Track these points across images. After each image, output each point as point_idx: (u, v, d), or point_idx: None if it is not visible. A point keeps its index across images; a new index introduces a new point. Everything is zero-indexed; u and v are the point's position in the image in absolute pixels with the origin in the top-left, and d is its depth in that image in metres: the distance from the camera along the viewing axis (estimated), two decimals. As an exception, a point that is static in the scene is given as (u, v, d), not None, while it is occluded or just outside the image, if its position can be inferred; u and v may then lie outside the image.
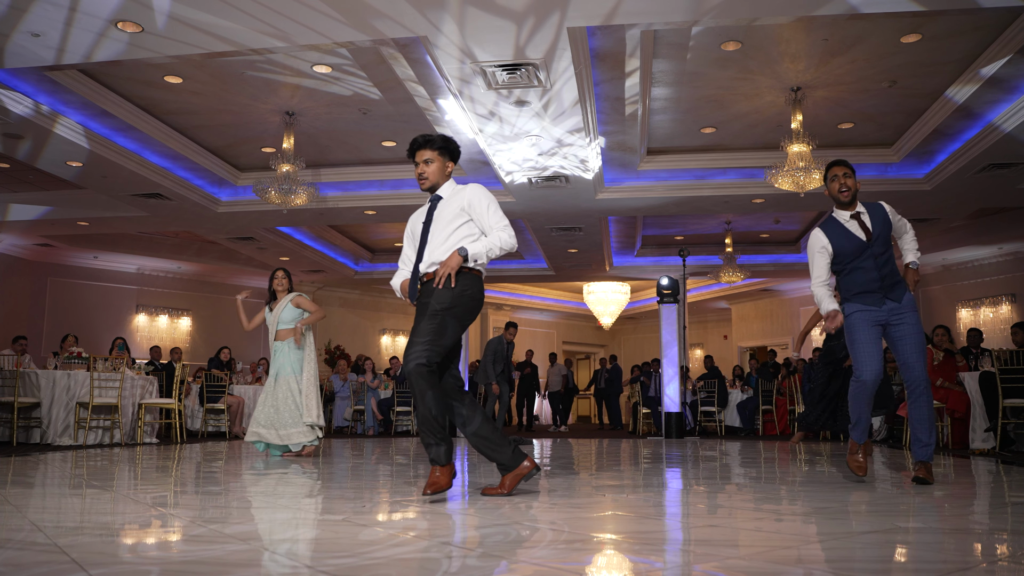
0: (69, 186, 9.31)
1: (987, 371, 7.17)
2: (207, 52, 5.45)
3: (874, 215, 3.94)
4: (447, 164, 3.59)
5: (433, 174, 3.56)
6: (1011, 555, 2.17)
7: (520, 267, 13.77)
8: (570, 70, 5.75)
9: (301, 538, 2.40)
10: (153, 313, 14.15)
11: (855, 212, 3.95)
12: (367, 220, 10.25)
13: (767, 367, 12.41)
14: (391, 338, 17.38)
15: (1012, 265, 12.40)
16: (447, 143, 3.59)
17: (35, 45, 5.35)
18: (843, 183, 3.95)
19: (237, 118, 7.58)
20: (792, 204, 9.45)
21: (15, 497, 3.37)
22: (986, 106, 6.86)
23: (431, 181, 3.57)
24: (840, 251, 3.93)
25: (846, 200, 3.95)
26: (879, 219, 3.94)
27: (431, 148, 3.55)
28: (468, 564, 2.05)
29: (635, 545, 2.29)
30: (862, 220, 3.92)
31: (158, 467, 5.23)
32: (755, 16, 5.03)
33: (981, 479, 4.57)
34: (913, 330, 3.86)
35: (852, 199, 3.97)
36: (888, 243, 3.95)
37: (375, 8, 4.87)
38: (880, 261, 3.90)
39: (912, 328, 3.86)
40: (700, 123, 7.68)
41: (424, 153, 3.55)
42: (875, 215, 3.94)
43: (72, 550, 2.12)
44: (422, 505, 3.26)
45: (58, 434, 7.58)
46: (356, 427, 12.20)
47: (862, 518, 2.90)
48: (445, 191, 3.59)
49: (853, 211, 3.96)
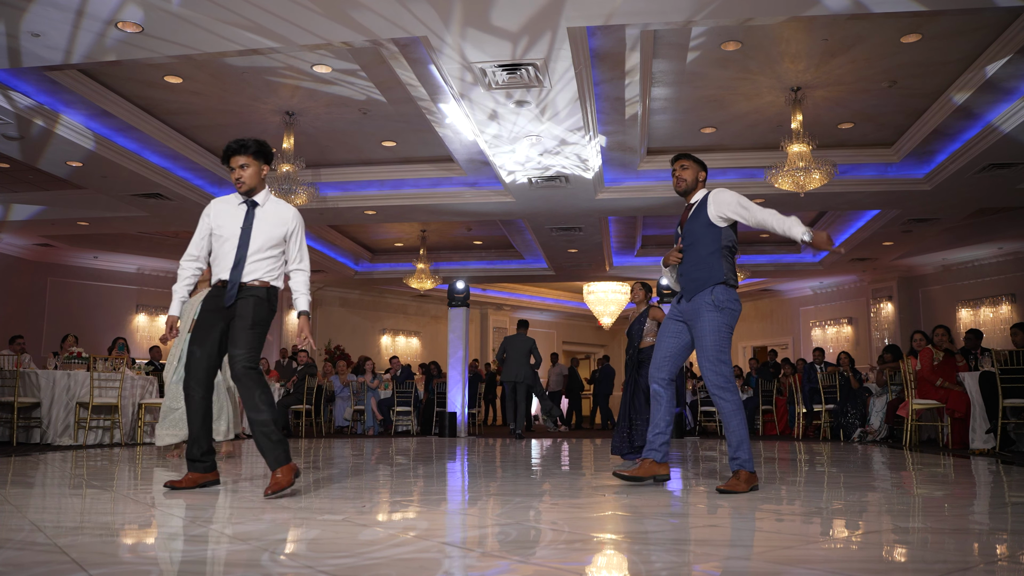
0: (69, 186, 9.31)
1: (987, 371, 7.17)
2: (207, 52, 5.45)
3: (698, 208, 3.90)
4: (262, 168, 3.79)
5: (249, 178, 3.73)
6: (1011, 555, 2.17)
7: (520, 267, 13.76)
8: (570, 70, 5.75)
9: (301, 538, 2.40)
10: (153, 313, 14.14)
11: (690, 203, 4.01)
12: (367, 220, 10.25)
13: (767, 367, 12.42)
14: (391, 338, 17.39)
15: (1012, 265, 12.40)
16: (261, 147, 3.78)
17: (35, 45, 5.35)
18: (679, 176, 4.02)
19: (237, 118, 7.58)
20: (792, 204, 9.45)
21: (15, 497, 3.37)
22: (986, 106, 6.86)
23: (248, 186, 3.74)
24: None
25: (680, 191, 4.05)
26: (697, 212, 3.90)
27: (246, 153, 3.73)
28: (468, 564, 2.05)
29: (635, 545, 2.29)
30: (688, 212, 3.99)
31: (158, 467, 5.23)
32: (751, 16, 5.03)
33: (981, 479, 4.57)
34: (699, 333, 3.73)
35: (686, 191, 4.01)
36: (697, 240, 3.83)
37: (375, 8, 4.87)
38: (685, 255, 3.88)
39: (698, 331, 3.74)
40: (700, 123, 7.67)
41: (239, 159, 3.73)
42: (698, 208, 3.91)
43: (72, 550, 2.12)
44: (422, 505, 3.26)
45: (58, 434, 7.58)
46: (356, 427, 12.20)
47: (862, 518, 2.90)
48: (260, 197, 3.79)
49: (689, 201, 4.02)
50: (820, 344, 15.07)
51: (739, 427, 3.67)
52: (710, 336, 3.69)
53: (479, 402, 12.96)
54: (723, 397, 3.68)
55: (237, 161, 3.70)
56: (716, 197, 3.82)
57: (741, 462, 3.64)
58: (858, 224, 10.90)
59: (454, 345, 12.10)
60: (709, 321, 3.70)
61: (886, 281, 14.22)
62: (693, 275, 3.81)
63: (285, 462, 3.44)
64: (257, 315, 3.61)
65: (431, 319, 18.03)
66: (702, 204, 3.87)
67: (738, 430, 3.67)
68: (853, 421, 9.77)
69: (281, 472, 3.41)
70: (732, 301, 3.74)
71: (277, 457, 3.45)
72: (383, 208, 9.59)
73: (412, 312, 17.80)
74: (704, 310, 3.72)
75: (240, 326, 3.59)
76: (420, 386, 12.39)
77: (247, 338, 3.57)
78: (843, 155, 8.22)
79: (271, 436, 3.49)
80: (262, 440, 3.49)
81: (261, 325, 3.62)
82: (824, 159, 6.88)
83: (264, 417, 3.51)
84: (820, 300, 15.93)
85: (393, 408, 11.80)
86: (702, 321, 3.72)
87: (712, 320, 3.70)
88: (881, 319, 14.43)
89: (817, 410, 10.49)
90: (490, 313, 18.58)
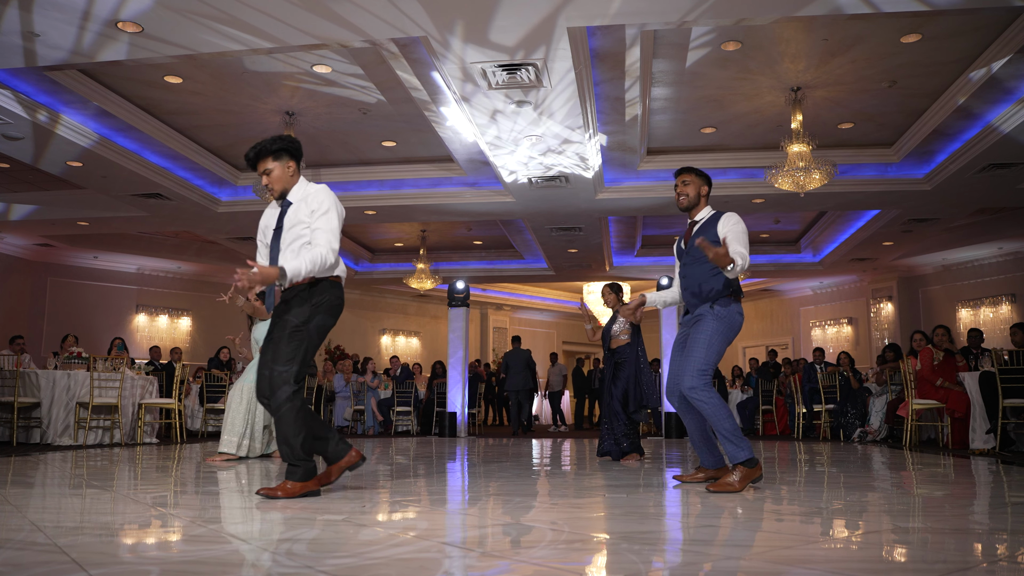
0: (69, 186, 9.31)
1: (987, 371, 7.17)
2: (207, 53, 5.45)
3: (706, 226, 3.85)
4: (288, 164, 3.51)
5: (278, 182, 3.49)
6: (1011, 555, 2.17)
7: (520, 267, 13.77)
8: (570, 70, 5.75)
9: (301, 538, 2.40)
10: (153, 313, 14.15)
11: (693, 220, 3.95)
12: (367, 220, 10.25)
13: (767, 367, 12.42)
14: (391, 338, 17.39)
15: (1012, 265, 12.40)
16: (283, 144, 3.51)
17: (35, 45, 5.35)
18: (680, 191, 3.95)
19: (237, 118, 7.58)
20: (792, 204, 9.46)
21: (15, 497, 3.37)
22: (986, 106, 6.86)
23: (278, 190, 3.50)
24: (677, 249, 4.03)
25: (682, 207, 3.94)
26: (705, 230, 3.85)
27: (267, 157, 3.48)
28: (468, 564, 2.05)
29: (635, 545, 2.29)
30: (692, 229, 3.92)
31: (158, 467, 5.23)
32: (746, 16, 5.02)
33: (981, 479, 4.57)
34: (693, 336, 3.73)
35: (689, 207, 3.92)
36: (703, 257, 3.75)
37: (375, 8, 4.87)
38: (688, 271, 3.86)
39: (692, 334, 3.74)
40: (700, 123, 7.67)
41: (262, 164, 3.48)
42: (706, 226, 3.85)
43: (72, 550, 2.12)
44: (422, 505, 3.26)
45: (58, 434, 7.58)
46: (356, 427, 12.20)
47: (862, 518, 2.90)
48: (295, 194, 3.51)
49: (693, 218, 3.95)
50: (820, 344, 15.07)
51: (727, 418, 3.65)
52: (702, 343, 3.65)
53: (479, 402, 12.97)
54: (702, 399, 3.63)
55: (261, 167, 3.48)
56: (731, 221, 3.77)
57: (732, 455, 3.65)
58: (858, 224, 10.90)
59: (454, 345, 12.11)
60: (706, 327, 3.68)
61: (886, 281, 14.22)
62: (698, 291, 3.79)
63: (300, 479, 3.35)
64: (297, 317, 3.34)
65: (431, 319, 18.03)
66: (711, 223, 3.82)
67: (727, 420, 3.65)
68: (853, 421, 9.77)
69: (291, 484, 3.35)
70: (734, 313, 3.72)
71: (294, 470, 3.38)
72: (383, 208, 9.59)
73: (412, 312, 17.81)
74: (706, 317, 3.71)
75: (276, 332, 3.37)
76: (421, 386, 12.39)
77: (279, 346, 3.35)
78: (843, 155, 8.22)
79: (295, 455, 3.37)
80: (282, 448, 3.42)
81: (301, 328, 3.34)
82: (824, 159, 6.88)
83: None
84: (820, 300, 15.93)
85: (393, 408, 11.80)
86: (700, 325, 3.71)
87: (709, 326, 3.67)
88: (881, 319, 14.43)
89: (817, 410, 10.50)
90: (490, 313, 18.58)
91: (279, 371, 3.31)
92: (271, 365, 3.33)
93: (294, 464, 3.36)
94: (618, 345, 6.03)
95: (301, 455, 3.35)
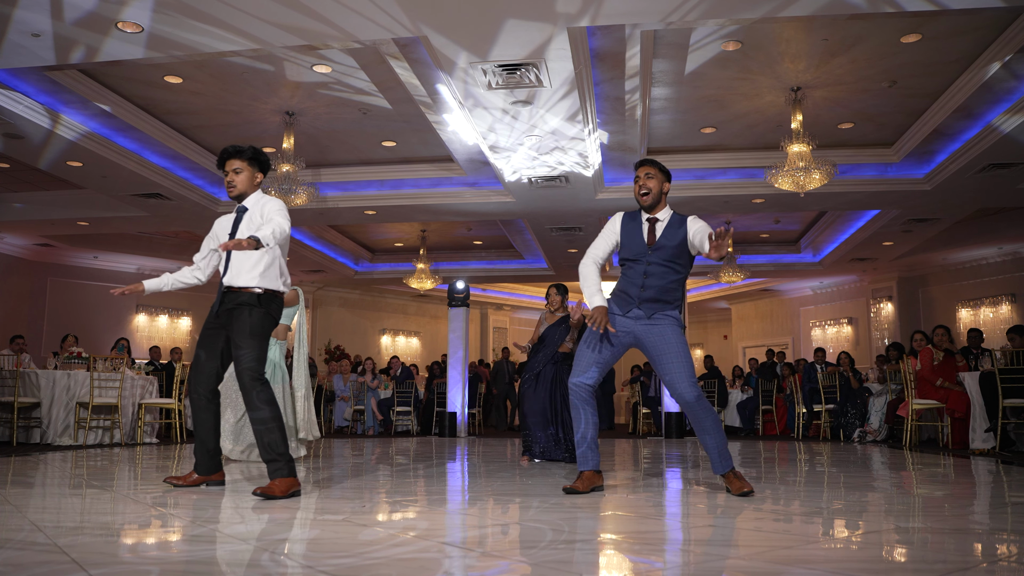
0: (69, 186, 9.31)
1: (987, 371, 7.17)
2: (207, 52, 5.45)
3: (671, 228, 3.64)
4: (256, 175, 3.79)
5: (242, 183, 3.74)
6: (1011, 555, 2.17)
7: (520, 267, 13.76)
8: (570, 70, 5.75)
9: (301, 538, 2.40)
10: (153, 313, 14.15)
11: (654, 218, 3.68)
12: (367, 220, 10.25)
13: (767, 367, 12.42)
14: (391, 338, 17.39)
15: (1012, 265, 12.40)
16: (257, 154, 3.79)
17: (35, 45, 5.35)
18: (643, 184, 3.68)
19: (237, 118, 7.58)
20: (792, 204, 9.45)
21: (15, 497, 3.37)
22: (986, 106, 6.86)
23: (239, 190, 3.76)
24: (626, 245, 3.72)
25: (645, 204, 3.67)
26: (671, 231, 3.64)
27: (241, 158, 3.74)
28: (468, 564, 2.05)
29: (635, 545, 2.29)
30: (655, 227, 3.65)
31: (158, 467, 5.23)
32: (744, 16, 5.02)
33: (981, 479, 4.57)
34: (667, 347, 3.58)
35: (652, 204, 3.66)
36: (672, 259, 3.61)
37: (375, 8, 4.87)
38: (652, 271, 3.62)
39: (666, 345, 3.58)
40: (700, 123, 7.67)
41: (234, 163, 3.74)
42: (671, 228, 3.64)
43: (72, 550, 2.12)
44: (422, 505, 3.26)
45: (58, 434, 7.58)
46: (356, 427, 12.20)
47: (862, 518, 2.90)
48: (251, 202, 3.77)
49: (654, 215, 3.68)
50: (820, 344, 15.06)
51: (721, 430, 3.64)
52: (683, 354, 3.53)
53: (479, 402, 12.97)
54: (704, 407, 3.55)
55: (231, 165, 3.73)
56: (698, 225, 3.58)
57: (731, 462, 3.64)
58: (858, 224, 10.90)
59: (454, 345, 12.10)
60: (677, 337, 3.55)
61: (886, 281, 14.22)
62: (660, 296, 3.60)
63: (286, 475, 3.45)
64: (251, 324, 3.58)
65: (431, 319, 18.03)
66: (678, 223, 3.63)
67: (721, 433, 3.63)
68: (853, 421, 9.77)
69: (278, 483, 3.41)
70: (681, 321, 3.67)
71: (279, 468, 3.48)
72: (383, 208, 9.59)
73: (412, 312, 17.80)
74: (670, 326, 3.57)
75: (237, 332, 3.60)
76: (421, 386, 12.39)
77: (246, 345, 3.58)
78: (843, 155, 8.21)
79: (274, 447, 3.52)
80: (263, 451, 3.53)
81: (257, 334, 3.58)
82: (824, 159, 6.88)
83: (263, 416, 3.53)
84: (820, 300, 15.93)
85: (393, 408, 11.80)
86: (669, 337, 3.55)
87: (679, 337, 3.57)
88: (881, 319, 14.43)
89: (817, 410, 10.50)
90: (490, 313, 18.57)
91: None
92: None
93: (275, 460, 3.50)
94: (564, 351, 5.97)
95: (282, 449, 3.52)
